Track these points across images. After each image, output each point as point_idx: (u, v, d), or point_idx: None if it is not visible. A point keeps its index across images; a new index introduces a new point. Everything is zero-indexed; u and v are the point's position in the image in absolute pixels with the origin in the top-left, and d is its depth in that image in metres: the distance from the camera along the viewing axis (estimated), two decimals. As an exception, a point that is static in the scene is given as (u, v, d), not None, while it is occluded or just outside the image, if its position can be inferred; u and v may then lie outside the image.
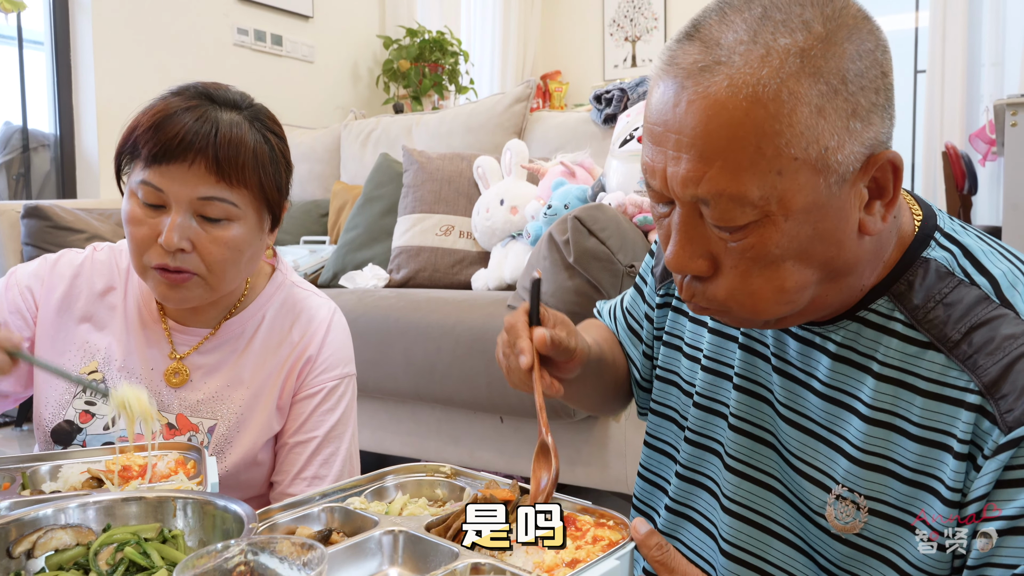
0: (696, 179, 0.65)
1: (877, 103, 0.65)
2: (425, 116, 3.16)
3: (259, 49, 4.15)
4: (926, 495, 0.70)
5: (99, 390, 1.08)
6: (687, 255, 0.70)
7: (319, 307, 1.21)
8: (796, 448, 0.80)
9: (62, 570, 0.73)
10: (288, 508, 0.83)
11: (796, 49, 0.63)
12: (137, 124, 1.04)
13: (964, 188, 3.67)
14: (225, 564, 0.63)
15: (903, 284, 0.73)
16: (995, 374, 0.66)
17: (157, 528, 0.77)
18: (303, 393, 1.17)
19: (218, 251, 1.05)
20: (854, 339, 0.75)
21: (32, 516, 0.75)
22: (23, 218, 2.79)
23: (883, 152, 0.66)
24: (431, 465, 0.95)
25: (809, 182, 0.64)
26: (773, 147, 0.63)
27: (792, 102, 0.62)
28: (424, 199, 2.58)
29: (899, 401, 0.72)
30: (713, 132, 0.63)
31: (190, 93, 1.06)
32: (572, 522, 0.80)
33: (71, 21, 3.51)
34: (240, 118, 1.06)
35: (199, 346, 1.16)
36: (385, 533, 0.77)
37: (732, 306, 0.72)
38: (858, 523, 0.74)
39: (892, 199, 0.69)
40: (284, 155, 1.12)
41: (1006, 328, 0.67)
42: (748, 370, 0.85)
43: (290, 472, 1.15)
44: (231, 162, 1.03)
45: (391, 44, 4.65)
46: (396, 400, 2.17)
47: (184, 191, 1.02)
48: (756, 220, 0.65)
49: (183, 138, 1.00)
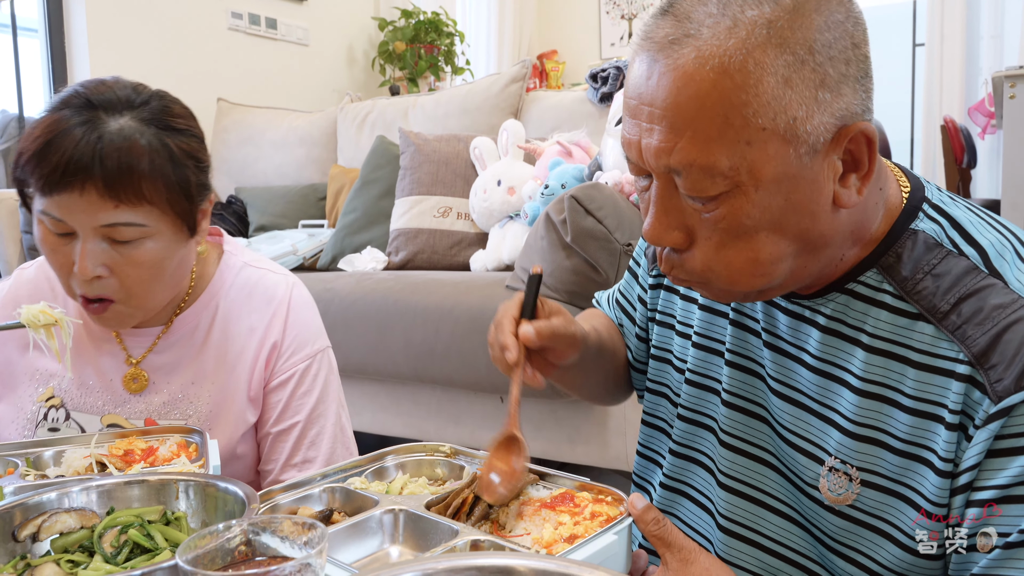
0: (668, 150, 0.66)
1: (848, 74, 0.65)
2: (421, 98, 3.15)
3: (253, 33, 4.12)
4: (919, 466, 0.70)
5: (9, 326, 1.03)
6: (662, 227, 0.71)
7: (276, 286, 1.15)
8: (788, 422, 0.80)
9: (67, 552, 0.74)
10: (289, 489, 0.84)
11: (763, 20, 0.63)
12: (24, 149, 0.95)
13: (963, 161, 3.66)
14: (227, 544, 0.64)
15: (892, 256, 0.73)
16: (984, 344, 0.66)
17: (160, 510, 0.78)
18: (275, 381, 1.13)
19: (136, 273, 0.98)
20: (843, 312, 0.76)
21: (36, 500, 0.76)
22: (21, 206, 2.79)
23: (855, 124, 0.66)
24: (431, 445, 0.96)
25: (779, 152, 0.64)
26: (741, 117, 0.63)
27: (758, 72, 0.62)
28: (421, 181, 2.57)
29: (890, 373, 0.72)
30: (682, 103, 0.64)
31: (75, 102, 0.95)
32: (571, 498, 0.81)
33: (64, 7, 3.48)
34: (132, 123, 0.96)
35: (154, 346, 1.11)
36: (386, 512, 0.78)
37: (709, 277, 0.72)
38: (851, 495, 0.74)
39: (868, 172, 0.69)
40: (192, 154, 1.01)
41: (994, 298, 0.67)
42: (739, 345, 0.86)
43: (279, 460, 1.13)
44: (124, 182, 0.93)
45: (386, 26, 4.62)
46: (396, 382, 2.18)
47: (85, 219, 0.94)
48: (727, 191, 0.66)
49: (67, 165, 0.91)
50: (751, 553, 0.84)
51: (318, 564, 0.60)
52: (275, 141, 3.47)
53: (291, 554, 0.63)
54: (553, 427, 1.95)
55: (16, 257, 2.89)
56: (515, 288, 1.95)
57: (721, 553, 0.85)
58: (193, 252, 1.09)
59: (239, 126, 3.58)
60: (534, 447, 2.12)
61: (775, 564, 0.82)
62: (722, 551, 0.85)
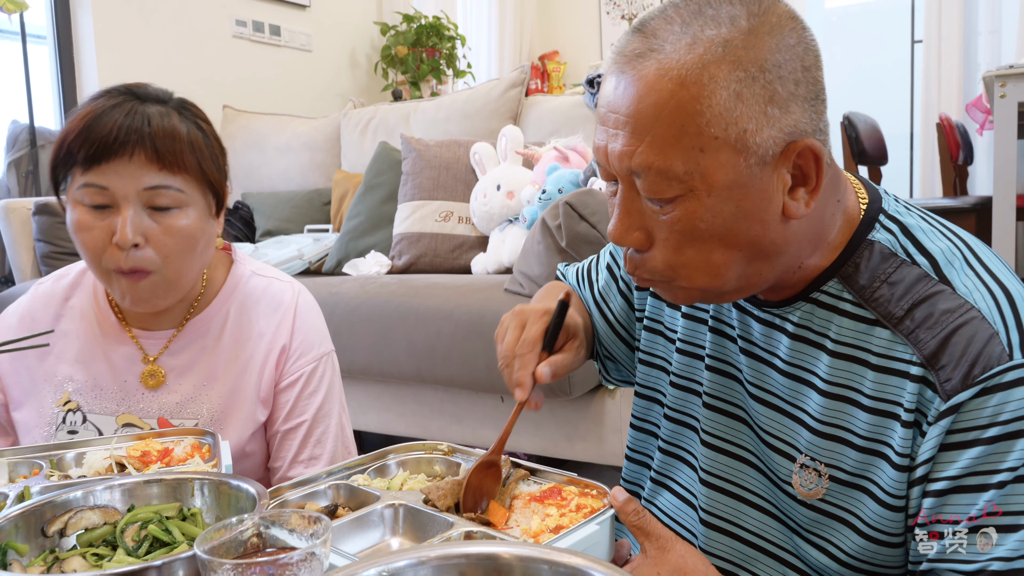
0: (629, 153, 0.71)
1: (796, 93, 0.70)
2: (422, 103, 3.20)
3: (258, 40, 4.17)
4: (879, 461, 0.75)
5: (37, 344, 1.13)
6: (624, 227, 0.76)
7: (282, 293, 1.22)
8: (764, 423, 0.85)
9: (92, 547, 0.78)
10: (297, 486, 0.89)
11: (720, 39, 0.69)
12: (67, 132, 1.04)
13: (958, 159, 3.69)
14: (240, 536, 0.69)
15: (851, 266, 0.78)
16: (934, 347, 0.71)
17: (177, 507, 0.83)
18: (284, 382, 1.19)
19: (172, 242, 1.06)
20: (809, 319, 0.80)
21: (63, 498, 0.81)
22: (34, 215, 2.85)
23: (803, 140, 0.71)
24: (429, 443, 1.01)
25: (730, 161, 0.69)
26: (695, 126, 0.68)
27: (712, 85, 0.68)
28: (423, 186, 2.63)
29: (852, 375, 0.77)
30: (643, 111, 0.70)
31: (114, 92, 1.08)
32: (558, 492, 0.86)
33: (72, 18, 3.54)
34: (167, 109, 1.08)
35: (167, 347, 1.17)
36: (387, 507, 0.83)
37: (669, 276, 0.77)
38: (820, 489, 0.79)
39: (816, 187, 0.73)
40: (216, 140, 1.14)
41: (943, 303, 0.72)
42: (718, 351, 0.91)
43: (286, 458, 1.19)
44: (169, 149, 1.04)
45: (388, 30, 4.65)
46: (400, 383, 2.24)
47: (130, 184, 1.03)
48: (682, 194, 0.71)
49: (119, 131, 1.02)
50: (731, 545, 0.88)
51: (322, 553, 0.66)
52: (280, 147, 3.52)
53: (299, 545, 0.68)
54: (552, 425, 2.00)
55: (29, 265, 2.94)
56: (513, 291, 2.00)
57: (703, 545, 0.90)
58: (214, 237, 1.15)
59: (244, 132, 3.63)
60: (534, 444, 2.18)
61: (752, 554, 0.87)
62: (703, 544, 0.90)
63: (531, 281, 1.95)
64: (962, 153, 3.74)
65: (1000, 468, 0.68)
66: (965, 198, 3.35)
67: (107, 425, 1.16)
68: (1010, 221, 2.70)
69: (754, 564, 0.87)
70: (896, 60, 5.57)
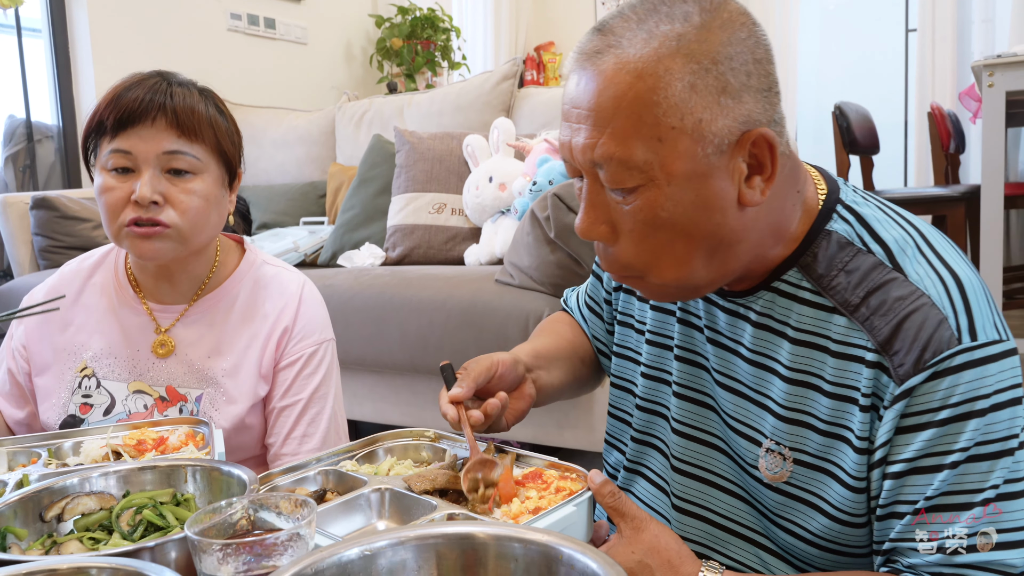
0: (592, 146, 0.74)
1: (749, 84, 0.73)
2: (416, 96, 3.22)
3: (253, 33, 4.18)
4: (841, 444, 0.78)
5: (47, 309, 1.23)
6: (590, 220, 0.79)
7: (289, 281, 1.30)
8: (731, 409, 0.88)
9: (88, 531, 0.81)
10: (288, 472, 0.92)
11: (674, 34, 0.72)
12: (99, 106, 1.16)
13: (949, 147, 3.71)
14: (230, 519, 0.72)
15: (809, 256, 0.81)
16: (887, 333, 0.74)
17: (171, 493, 0.86)
18: (284, 361, 1.26)
19: (188, 200, 1.16)
20: (771, 308, 0.83)
21: (60, 485, 0.84)
22: (32, 209, 2.87)
23: (756, 129, 0.74)
24: (416, 430, 1.04)
25: (688, 150, 0.72)
26: (652, 116, 0.71)
27: (667, 77, 0.71)
28: (416, 178, 2.65)
29: (813, 362, 0.80)
30: (603, 104, 0.73)
31: (144, 74, 1.20)
32: (539, 476, 0.89)
33: (67, 12, 3.55)
34: (190, 90, 1.19)
35: (179, 319, 1.25)
36: (373, 491, 0.86)
37: (641, 270, 0.79)
38: (785, 472, 0.82)
39: (771, 175, 0.76)
40: (233, 122, 1.25)
41: (896, 291, 0.75)
42: (686, 341, 0.94)
43: (281, 434, 1.25)
44: (188, 119, 1.15)
45: (383, 23, 4.66)
46: (393, 373, 2.27)
47: (151, 148, 1.14)
48: (643, 183, 0.74)
49: (143, 101, 1.14)
50: (703, 528, 0.91)
51: (307, 534, 0.69)
52: (276, 140, 3.54)
53: (286, 527, 0.72)
54: (543, 414, 2.04)
55: (27, 259, 2.97)
56: (504, 282, 2.03)
57: (676, 530, 0.92)
58: (226, 207, 1.25)
59: (241, 125, 3.58)
60: (525, 433, 2.21)
61: (724, 537, 0.90)
62: (676, 528, 0.93)
63: (521, 272, 1.98)
64: (953, 142, 3.76)
65: (953, 449, 0.71)
66: (956, 186, 3.37)
67: (119, 391, 1.24)
68: (998, 209, 2.73)
69: (726, 546, 0.90)
70: (890, 49, 5.58)
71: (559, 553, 0.62)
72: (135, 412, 1.22)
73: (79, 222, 2.89)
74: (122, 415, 1.22)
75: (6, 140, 3.47)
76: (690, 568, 0.78)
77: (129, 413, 1.22)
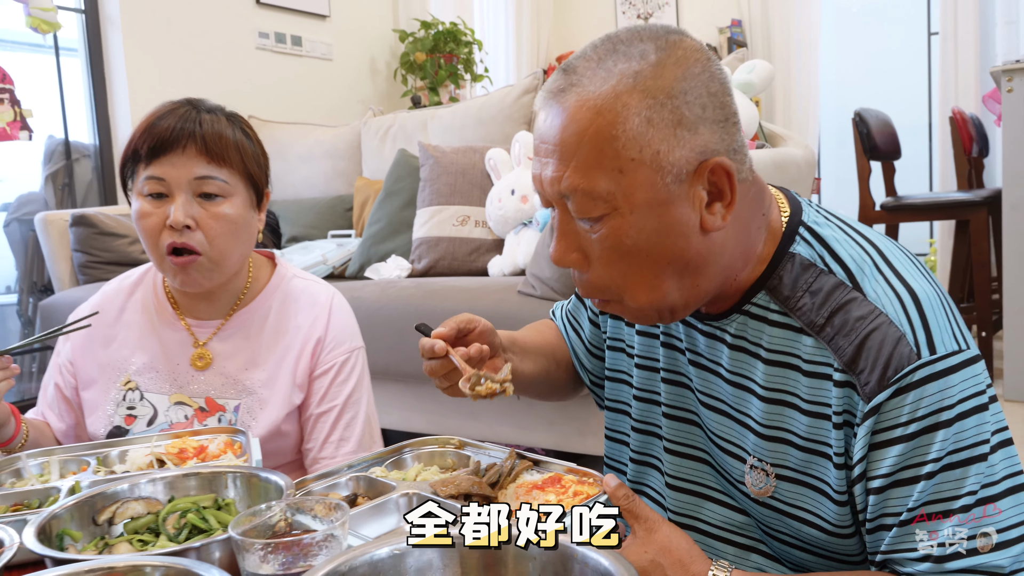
0: (559, 178, 0.78)
1: (704, 116, 0.77)
2: (439, 110, 3.28)
3: (280, 51, 4.27)
4: (822, 460, 0.81)
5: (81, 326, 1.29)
6: (562, 249, 0.83)
7: (319, 293, 1.37)
8: (716, 428, 0.92)
9: (137, 533, 0.87)
10: (321, 478, 0.98)
11: (630, 72, 0.76)
12: (134, 135, 1.23)
13: (972, 152, 3.69)
14: (269, 521, 0.78)
15: (775, 279, 0.84)
16: (851, 353, 0.76)
17: (213, 498, 0.91)
18: (319, 370, 1.32)
19: (218, 226, 1.22)
20: (744, 330, 0.86)
21: (112, 490, 0.90)
22: (71, 226, 2.97)
23: (713, 158, 0.77)
24: (442, 438, 1.10)
25: (648, 180, 0.76)
26: (612, 149, 0.76)
27: (625, 112, 0.75)
28: (440, 192, 2.71)
29: (787, 380, 0.83)
30: (567, 139, 0.77)
31: (176, 103, 1.26)
32: (558, 480, 0.94)
33: (103, 33, 3.65)
34: (218, 117, 1.26)
35: (215, 333, 1.32)
36: (401, 496, 0.91)
37: (616, 295, 0.83)
38: (769, 487, 0.86)
39: (731, 201, 0.79)
40: (259, 145, 1.32)
41: (856, 311, 0.77)
42: (671, 364, 0.97)
43: (319, 439, 1.31)
44: (217, 145, 1.22)
45: (406, 37, 4.72)
46: (419, 382, 2.31)
47: (183, 174, 1.21)
48: (608, 212, 0.78)
49: (174, 130, 1.20)
50: (701, 540, 0.95)
51: (340, 535, 0.74)
52: (303, 155, 3.61)
53: (320, 529, 0.77)
54: (564, 422, 2.08)
55: (67, 274, 3.07)
56: (526, 293, 2.07)
57: None
58: (255, 228, 1.31)
59: (269, 141, 3.68)
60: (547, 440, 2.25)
61: (721, 548, 0.94)
62: None
63: (542, 283, 2.02)
64: (977, 146, 3.74)
65: (926, 460, 0.74)
66: (979, 191, 3.36)
67: (161, 403, 1.31)
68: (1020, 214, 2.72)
69: (724, 556, 0.93)
70: (913, 52, 5.56)
71: (573, 551, 0.66)
72: (176, 422, 1.29)
73: (116, 238, 2.98)
74: (164, 425, 1.29)
75: (46, 160, 3.58)
76: (700, 567, 0.81)
77: (171, 423, 1.29)
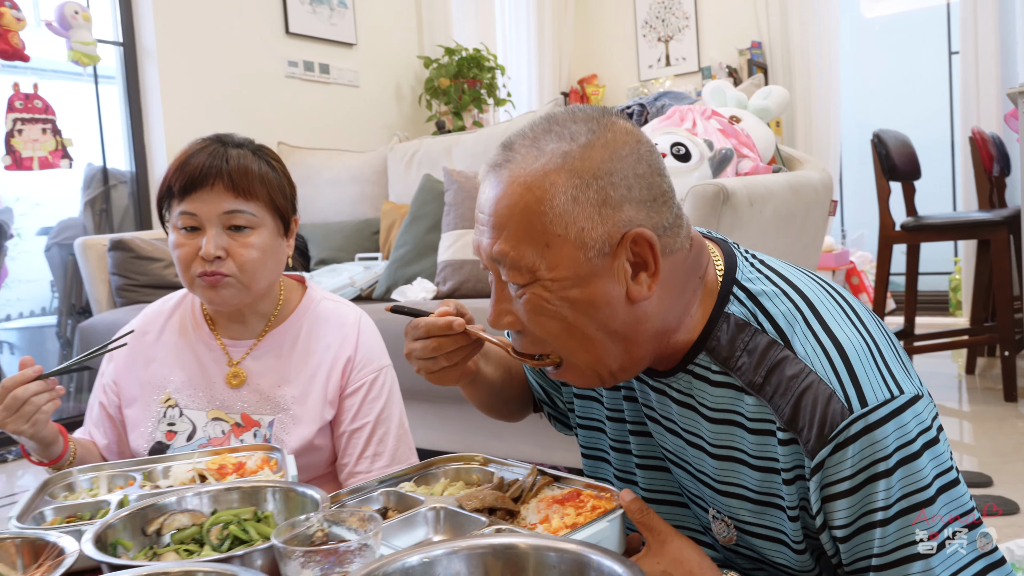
0: (491, 246, 0.82)
1: (629, 196, 0.80)
2: (463, 136, 3.35)
3: (308, 79, 4.39)
4: (776, 511, 0.84)
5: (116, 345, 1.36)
6: (497, 312, 0.87)
7: (347, 314, 1.43)
8: (681, 478, 0.95)
9: (183, 544, 0.92)
10: (354, 492, 1.03)
11: (560, 152, 0.79)
12: (168, 173, 1.30)
13: (992, 171, 3.69)
14: (307, 531, 0.84)
15: (713, 339, 0.86)
16: (789, 413, 0.78)
17: (253, 511, 0.96)
18: (350, 388, 1.38)
19: (247, 253, 1.29)
20: (688, 388, 0.89)
21: (160, 503, 0.96)
22: (109, 251, 3.08)
23: (634, 229, 0.80)
24: (467, 455, 1.14)
25: (571, 255, 0.80)
26: (540, 224, 0.79)
27: (552, 190, 0.79)
28: (464, 216, 2.77)
29: (734, 438, 0.85)
30: (500, 211, 0.81)
31: (206, 140, 1.33)
32: (577, 495, 0.99)
33: (139, 67, 3.79)
34: (245, 151, 1.32)
35: (249, 353, 1.39)
36: (429, 509, 0.96)
37: (556, 355, 0.87)
38: (732, 536, 0.89)
39: (655, 271, 0.81)
40: (286, 175, 1.38)
41: (788, 369, 0.79)
42: (634, 416, 1.00)
43: (353, 455, 1.37)
44: (243, 181, 1.29)
45: (430, 64, 4.82)
46: (444, 401, 2.36)
47: (212, 209, 1.28)
48: (531, 281, 0.81)
49: (203, 168, 1.27)
50: None
51: (374, 544, 0.80)
52: (331, 180, 3.70)
53: (355, 539, 0.83)
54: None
55: (105, 297, 3.17)
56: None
57: None
58: (284, 254, 1.38)
59: (298, 167, 3.83)
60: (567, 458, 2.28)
61: None
62: None
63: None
64: (998, 165, 3.74)
65: (875, 508, 0.76)
66: (999, 211, 3.36)
67: (199, 419, 1.38)
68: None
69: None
70: (934, 71, 5.57)
71: (590, 560, 0.71)
72: (214, 437, 1.35)
73: (152, 262, 3.08)
74: (203, 440, 1.35)
75: (85, 186, 3.71)
76: (711, 578, 0.86)
77: (209, 439, 1.35)
